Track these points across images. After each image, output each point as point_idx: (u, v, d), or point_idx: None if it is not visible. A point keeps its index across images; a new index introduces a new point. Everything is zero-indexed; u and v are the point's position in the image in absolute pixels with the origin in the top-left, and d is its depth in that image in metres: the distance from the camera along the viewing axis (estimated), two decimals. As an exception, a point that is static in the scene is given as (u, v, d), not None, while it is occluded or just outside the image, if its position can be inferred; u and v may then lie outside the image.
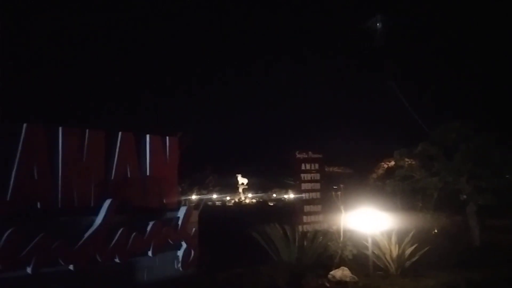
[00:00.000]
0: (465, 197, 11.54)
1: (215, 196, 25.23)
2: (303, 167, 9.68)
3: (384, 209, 9.01)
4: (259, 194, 38.45)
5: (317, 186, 9.79)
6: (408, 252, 8.48)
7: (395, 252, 8.43)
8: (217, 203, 29.96)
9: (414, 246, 8.52)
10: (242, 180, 38.83)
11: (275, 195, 36.93)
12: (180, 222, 6.94)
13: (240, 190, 38.66)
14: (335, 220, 9.36)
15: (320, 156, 9.98)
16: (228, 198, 34.26)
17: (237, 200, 36.50)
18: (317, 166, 9.85)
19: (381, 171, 16.34)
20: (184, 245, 6.95)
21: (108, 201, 5.99)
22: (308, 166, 9.73)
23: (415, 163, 11.87)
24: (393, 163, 14.26)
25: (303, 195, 9.60)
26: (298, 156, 9.70)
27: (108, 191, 6.30)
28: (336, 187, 11.61)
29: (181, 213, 7.01)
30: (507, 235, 11.95)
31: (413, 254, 8.48)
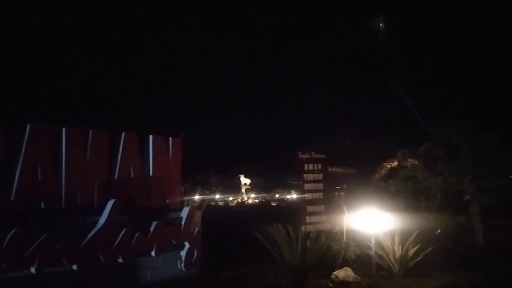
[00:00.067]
0: (468, 197, 11.52)
1: (218, 196, 25.29)
2: (306, 168, 9.67)
3: (387, 209, 9.00)
4: (261, 194, 38.44)
5: (320, 186, 9.77)
6: (411, 252, 8.46)
7: (398, 252, 8.42)
8: (220, 203, 29.98)
9: (417, 246, 8.50)
10: (244, 180, 38.83)
11: (278, 196, 36.93)
12: (183, 222, 6.95)
13: (243, 190, 38.65)
14: (338, 220, 9.35)
15: (323, 156, 9.96)
16: (231, 198, 34.28)
17: (239, 200, 36.49)
18: (320, 166, 9.83)
19: (384, 172, 16.29)
20: (187, 245, 6.96)
21: (111, 201, 6.00)
22: (311, 166, 9.71)
23: (418, 163, 11.84)
24: (396, 164, 14.21)
25: (306, 195, 9.58)
26: (301, 156, 9.68)
27: (111, 191, 6.32)
28: (339, 188, 11.60)
29: (184, 213, 7.03)
30: (511, 235, 11.90)
31: (416, 254, 8.46)
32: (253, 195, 38.89)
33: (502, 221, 13.35)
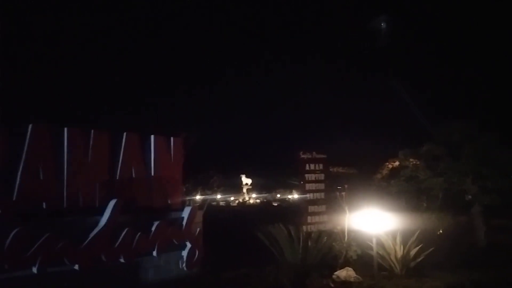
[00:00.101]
0: (470, 197, 11.51)
1: (219, 196, 25.27)
2: (307, 168, 9.66)
3: (388, 209, 8.99)
4: (263, 194, 38.42)
5: (321, 186, 9.77)
6: (413, 252, 8.45)
7: (400, 252, 8.42)
8: (221, 203, 29.98)
9: (419, 246, 8.49)
10: (246, 180, 38.83)
11: (279, 196, 36.91)
12: (184, 222, 6.96)
13: (244, 190, 38.64)
14: (340, 220, 9.35)
15: (324, 156, 9.96)
16: (232, 198, 34.26)
17: (241, 200, 36.50)
18: (321, 166, 9.83)
19: (385, 172, 16.26)
20: (188, 245, 6.96)
21: (113, 201, 6.01)
22: (312, 166, 9.71)
23: (420, 163, 11.84)
24: (397, 164, 14.20)
25: (308, 195, 9.58)
26: (302, 156, 9.69)
27: (113, 191, 6.32)
28: (340, 188, 11.58)
29: (186, 213, 7.03)
30: (513, 235, 11.89)
31: (418, 254, 8.45)
32: (254, 195, 38.88)
33: (503, 221, 13.32)
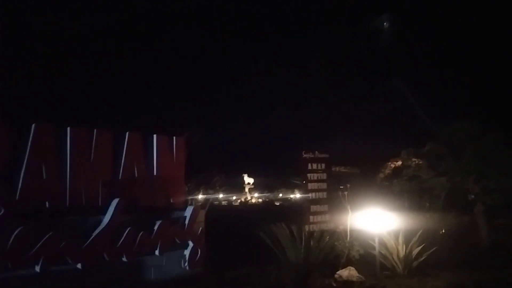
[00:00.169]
0: (473, 197, 11.47)
1: (221, 195, 25.28)
2: (309, 167, 9.66)
3: (391, 209, 8.97)
4: (265, 193, 38.40)
5: (323, 185, 9.77)
6: (415, 252, 8.44)
7: (402, 252, 8.40)
8: (223, 202, 29.98)
9: (421, 246, 8.48)
10: (248, 179, 38.80)
11: (281, 195, 36.89)
12: (187, 221, 6.98)
13: (246, 189, 38.62)
14: (342, 220, 9.34)
15: (326, 156, 9.96)
16: (234, 197, 34.25)
17: (243, 199, 36.46)
18: (323, 165, 9.83)
19: (388, 171, 16.25)
20: (191, 244, 6.98)
21: (115, 201, 6.03)
22: (314, 165, 9.71)
23: (422, 163, 11.81)
24: (400, 163, 14.18)
25: (310, 194, 9.58)
26: (304, 155, 9.68)
27: (115, 190, 6.35)
28: (342, 187, 11.57)
29: (188, 212, 7.05)
30: (516, 235, 11.86)
31: (420, 254, 8.44)
32: (256, 195, 38.86)
33: (506, 221, 13.27)
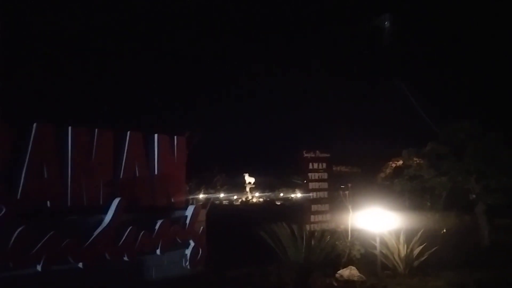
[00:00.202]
0: (474, 196, 11.45)
1: (222, 195, 25.33)
2: (310, 166, 9.66)
3: (392, 208, 8.97)
4: (266, 193, 38.42)
5: (324, 185, 9.77)
6: (416, 251, 8.43)
7: (403, 251, 8.40)
8: (224, 202, 30.01)
9: (422, 245, 8.47)
10: (249, 179, 38.80)
11: (282, 194, 36.90)
12: (188, 220, 6.98)
13: (247, 189, 38.62)
14: (343, 219, 9.34)
15: (327, 155, 9.96)
16: (235, 197, 34.28)
17: (244, 199, 36.47)
18: (324, 165, 9.83)
19: (389, 171, 16.27)
20: (192, 243, 6.98)
21: (116, 200, 6.04)
22: (315, 165, 9.71)
23: (423, 162, 11.80)
24: (401, 163, 14.18)
25: (311, 194, 9.58)
26: (305, 155, 9.68)
27: (116, 190, 6.35)
28: (343, 186, 11.58)
29: (189, 212, 7.05)
30: (517, 235, 11.84)
31: (421, 253, 8.43)
32: (257, 194, 38.87)
33: (507, 220, 13.25)
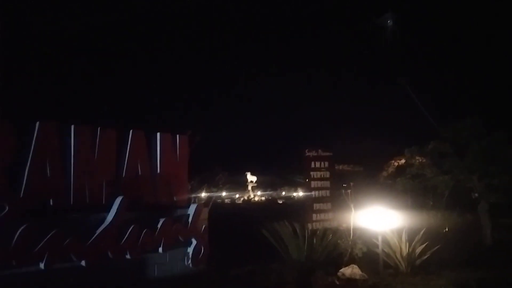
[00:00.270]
0: (476, 195, 11.45)
1: (224, 193, 25.35)
2: (312, 165, 9.65)
3: (394, 207, 8.97)
4: (268, 192, 38.44)
5: (326, 184, 9.76)
6: (418, 250, 8.43)
7: (405, 250, 8.39)
8: (226, 200, 30.04)
9: (424, 244, 8.46)
10: (251, 178, 38.81)
11: (284, 193, 36.93)
12: (190, 219, 6.99)
13: (249, 188, 38.64)
14: (345, 218, 9.33)
15: (330, 154, 9.95)
16: (237, 195, 34.32)
17: (246, 198, 36.50)
18: (327, 164, 9.82)
19: (391, 169, 16.25)
20: (194, 242, 6.99)
21: (119, 198, 6.05)
22: (318, 164, 9.70)
23: (426, 161, 11.79)
24: (403, 161, 14.17)
25: (313, 193, 9.58)
26: (307, 154, 9.68)
27: (119, 188, 6.36)
28: (346, 185, 11.57)
29: (191, 210, 7.07)
30: (520, 233, 11.82)
31: (423, 252, 8.43)
32: (259, 193, 38.87)
33: (510, 219, 13.24)
